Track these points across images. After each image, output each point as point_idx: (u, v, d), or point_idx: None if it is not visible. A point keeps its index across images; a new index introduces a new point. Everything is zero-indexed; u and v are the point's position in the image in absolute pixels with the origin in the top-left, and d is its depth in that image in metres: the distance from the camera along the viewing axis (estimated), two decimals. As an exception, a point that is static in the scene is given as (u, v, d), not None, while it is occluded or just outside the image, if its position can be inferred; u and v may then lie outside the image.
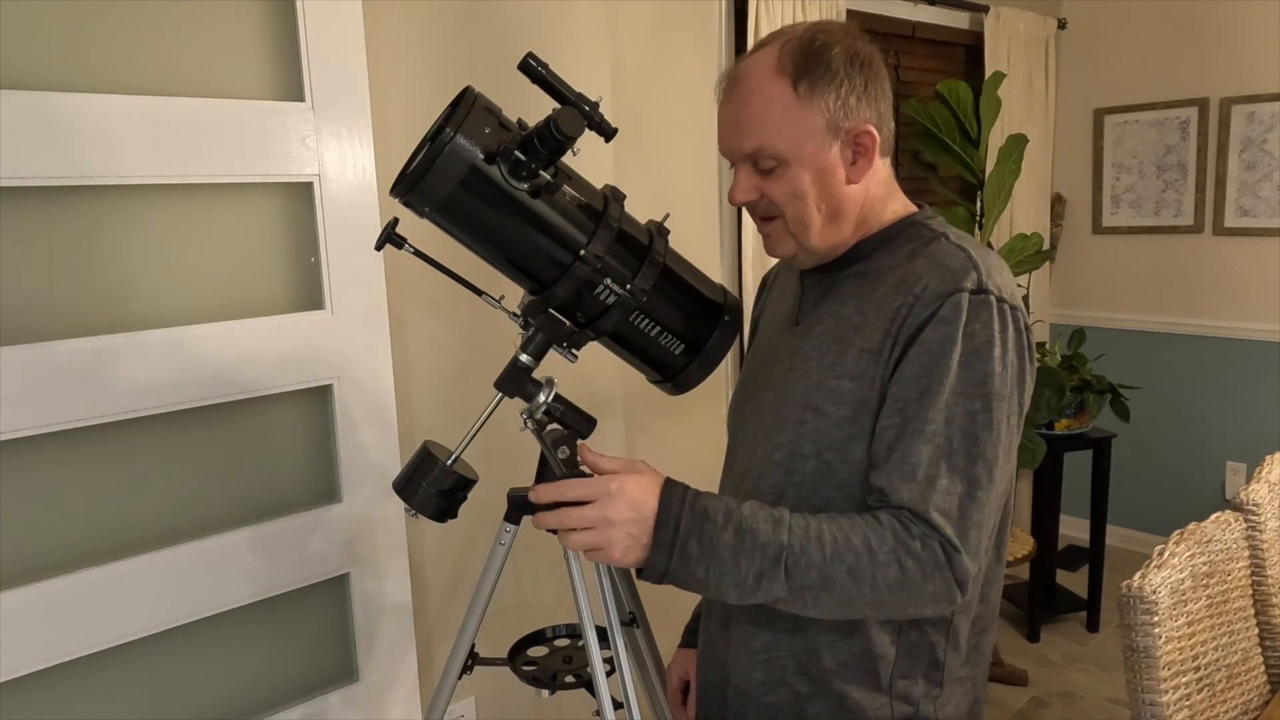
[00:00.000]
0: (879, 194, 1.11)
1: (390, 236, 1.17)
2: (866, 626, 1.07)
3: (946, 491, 0.96)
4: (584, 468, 1.10)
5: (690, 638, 1.42)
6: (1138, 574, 1.44)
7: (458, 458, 1.20)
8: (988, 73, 3.26)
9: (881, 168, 1.11)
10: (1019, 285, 1.11)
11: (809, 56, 1.03)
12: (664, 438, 2.45)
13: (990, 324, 0.99)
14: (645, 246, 1.18)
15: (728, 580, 0.97)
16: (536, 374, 1.20)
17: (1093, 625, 3.33)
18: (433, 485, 1.18)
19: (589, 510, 0.99)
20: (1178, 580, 1.46)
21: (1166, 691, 1.44)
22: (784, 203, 1.08)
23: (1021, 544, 3.09)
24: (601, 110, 1.10)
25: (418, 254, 1.19)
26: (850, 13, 2.86)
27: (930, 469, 0.96)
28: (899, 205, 1.14)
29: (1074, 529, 3.90)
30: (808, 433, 1.07)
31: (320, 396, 1.67)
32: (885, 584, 0.95)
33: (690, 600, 1.41)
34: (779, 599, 0.98)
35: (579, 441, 1.18)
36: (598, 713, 1.25)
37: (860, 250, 1.12)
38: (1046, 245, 3.74)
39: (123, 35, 1.41)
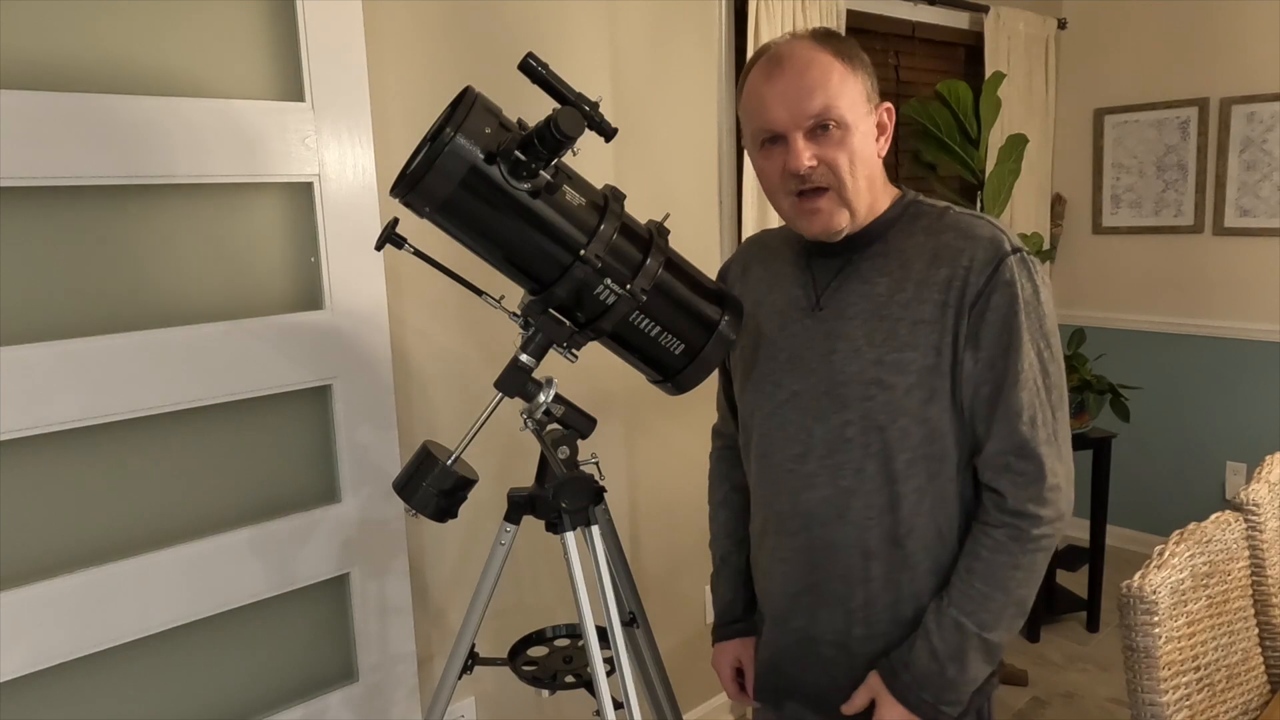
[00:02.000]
0: (881, 178, 1.20)
1: (390, 236, 1.17)
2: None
3: (1046, 423, 1.13)
4: None
5: (729, 629, 1.43)
6: (1138, 574, 1.44)
7: (458, 458, 1.20)
8: (988, 73, 3.26)
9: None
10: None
11: (839, 40, 1.15)
12: (664, 438, 2.45)
13: (1032, 277, 1.14)
14: (645, 247, 1.18)
15: (969, 686, 1.17)
16: (536, 374, 1.20)
17: (1093, 625, 3.32)
18: (433, 485, 1.18)
19: None
20: (1178, 580, 1.46)
21: (1166, 691, 1.44)
22: (843, 166, 1.14)
23: (1021, 544, 3.08)
24: (601, 110, 1.10)
25: (418, 254, 1.19)
26: (850, 12, 2.85)
27: (1031, 410, 1.13)
28: (891, 189, 1.23)
29: (1074, 529, 3.89)
30: (878, 407, 1.16)
31: (320, 396, 1.67)
32: (1039, 572, 1.16)
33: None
34: (997, 652, 1.17)
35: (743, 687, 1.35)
36: (598, 713, 1.25)
37: (874, 231, 1.20)
38: (1046, 245, 3.74)
39: (123, 35, 1.41)
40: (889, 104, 1.19)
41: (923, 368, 1.14)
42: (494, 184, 1.07)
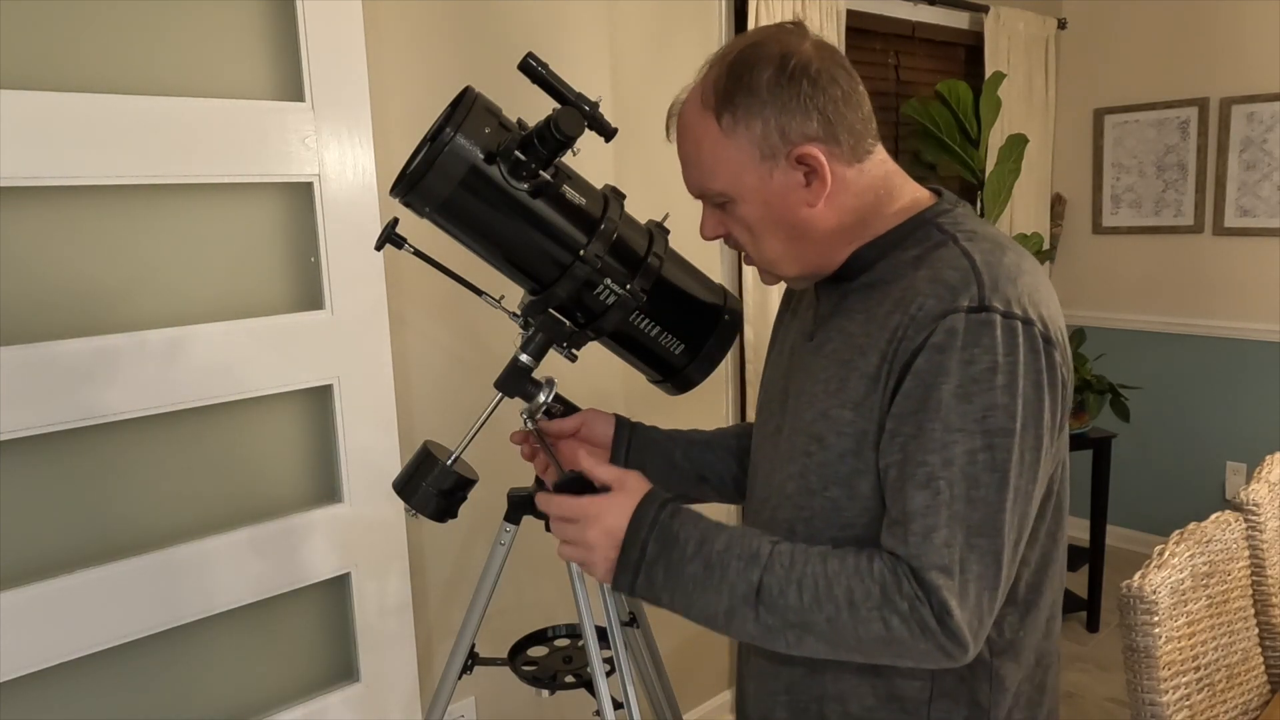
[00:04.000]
0: (868, 200, 1.00)
1: (390, 236, 1.17)
2: (893, 669, 0.98)
3: (945, 544, 0.86)
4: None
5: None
6: (1138, 574, 1.44)
7: (458, 458, 1.20)
8: (988, 73, 3.26)
9: (859, 175, 0.98)
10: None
11: (730, 81, 0.96)
12: (664, 438, 2.45)
13: (993, 348, 0.87)
14: (645, 246, 1.18)
15: (695, 611, 0.94)
16: (536, 374, 1.20)
17: (1093, 625, 3.33)
18: (433, 485, 1.18)
19: (572, 529, 0.99)
20: (1178, 580, 1.46)
21: (1166, 691, 1.44)
22: (743, 240, 1.03)
23: (1021, 544, 3.09)
24: (601, 110, 1.10)
25: (418, 254, 1.19)
26: (850, 12, 2.86)
27: (928, 519, 0.87)
28: (906, 202, 1.01)
29: (1074, 529, 3.90)
30: (814, 465, 0.99)
31: (320, 396, 1.67)
32: (869, 639, 0.88)
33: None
34: (752, 636, 0.93)
35: (575, 444, 1.19)
36: (598, 713, 1.25)
37: (864, 257, 1.00)
38: (1046, 245, 3.74)
39: (122, 35, 1.41)
40: (807, 147, 0.94)
41: (858, 431, 0.94)
42: (494, 184, 1.07)
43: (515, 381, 1.19)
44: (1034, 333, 0.89)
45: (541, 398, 1.20)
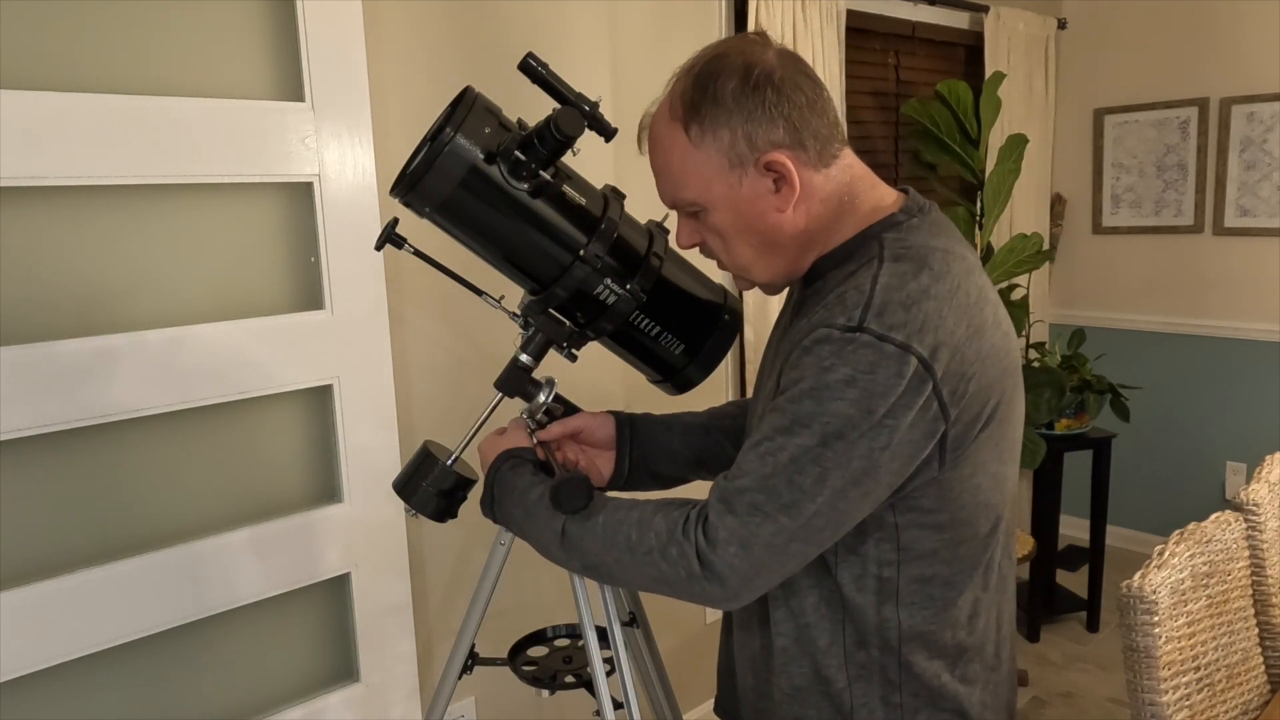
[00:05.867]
0: (833, 207, 1.02)
1: (390, 236, 1.17)
2: (814, 648, 1.05)
3: (751, 505, 0.92)
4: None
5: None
6: (1138, 574, 1.44)
7: (458, 458, 1.20)
8: (988, 73, 3.26)
9: (825, 180, 1.01)
10: (1019, 287, 1.03)
11: (696, 93, 0.98)
12: (664, 438, 2.45)
13: (853, 363, 0.90)
14: (645, 246, 1.18)
15: (532, 543, 1.09)
16: (536, 374, 1.20)
17: (1093, 625, 3.32)
18: (433, 485, 1.18)
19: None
20: (1178, 580, 1.46)
21: (1166, 691, 1.44)
22: (716, 247, 1.06)
23: (1021, 544, 3.09)
24: (601, 110, 1.11)
25: (418, 254, 1.19)
26: (850, 12, 2.86)
27: (746, 479, 0.94)
28: (867, 209, 1.03)
29: (1074, 529, 3.90)
30: None
31: (320, 396, 1.67)
32: (649, 579, 0.99)
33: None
34: (574, 570, 1.09)
35: (576, 447, 1.21)
36: (598, 713, 1.25)
37: (819, 268, 1.05)
38: (1046, 245, 3.73)
39: (123, 35, 1.41)
40: (774, 154, 0.97)
41: None
42: (494, 184, 1.07)
43: (515, 381, 1.19)
44: (906, 359, 0.90)
45: (541, 398, 1.20)
